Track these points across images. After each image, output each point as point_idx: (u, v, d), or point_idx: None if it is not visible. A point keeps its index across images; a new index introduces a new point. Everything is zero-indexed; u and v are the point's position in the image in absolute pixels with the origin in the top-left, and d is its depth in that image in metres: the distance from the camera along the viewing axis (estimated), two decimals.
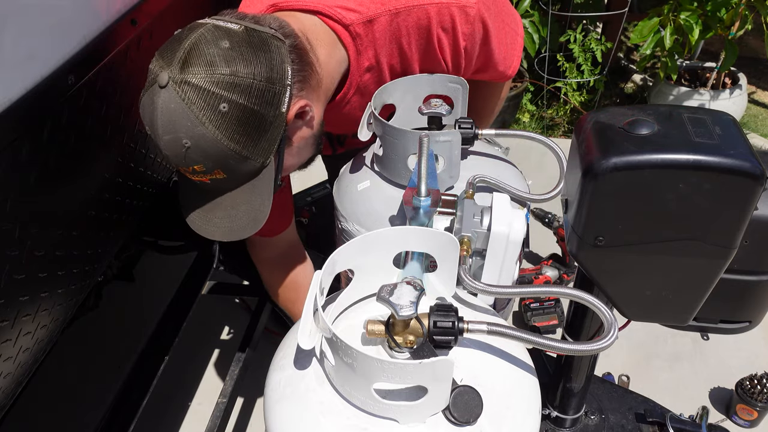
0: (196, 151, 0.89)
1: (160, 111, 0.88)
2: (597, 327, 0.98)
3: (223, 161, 0.91)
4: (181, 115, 0.87)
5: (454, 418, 0.67)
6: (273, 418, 0.75)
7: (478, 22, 1.13)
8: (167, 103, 0.87)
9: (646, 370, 2.13)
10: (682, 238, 0.74)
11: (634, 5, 3.66)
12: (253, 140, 0.92)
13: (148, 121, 0.91)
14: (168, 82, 0.87)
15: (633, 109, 0.77)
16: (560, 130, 3.53)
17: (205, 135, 0.88)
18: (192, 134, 0.88)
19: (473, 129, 1.07)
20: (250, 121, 0.90)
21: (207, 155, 0.90)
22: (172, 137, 0.89)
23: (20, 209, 0.88)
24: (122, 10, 1.09)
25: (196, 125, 0.87)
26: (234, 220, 1.00)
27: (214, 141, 0.88)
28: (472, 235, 0.88)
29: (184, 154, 0.89)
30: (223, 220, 1.00)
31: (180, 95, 0.87)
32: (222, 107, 0.87)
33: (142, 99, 0.92)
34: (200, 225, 1.02)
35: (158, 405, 1.71)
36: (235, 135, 0.89)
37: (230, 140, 0.89)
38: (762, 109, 3.59)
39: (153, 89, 0.89)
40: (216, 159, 0.90)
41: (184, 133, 0.88)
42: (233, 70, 0.88)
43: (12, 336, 0.93)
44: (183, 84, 0.86)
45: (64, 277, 1.06)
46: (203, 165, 0.91)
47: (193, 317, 1.67)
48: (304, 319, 0.70)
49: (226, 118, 0.88)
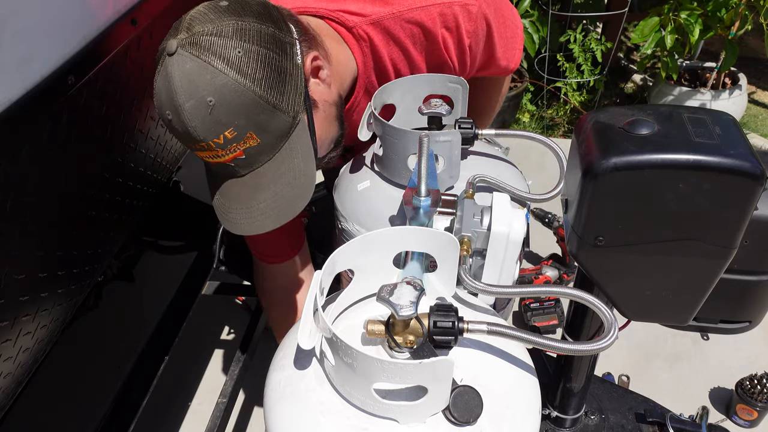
0: (223, 107, 0.85)
1: (177, 77, 0.85)
2: (597, 327, 0.98)
3: (253, 116, 0.87)
4: (199, 71, 0.84)
5: (454, 418, 0.67)
6: (273, 418, 0.75)
7: (481, 19, 1.13)
8: (182, 65, 0.85)
9: (646, 370, 2.13)
10: (682, 238, 0.74)
11: (634, 5, 3.66)
12: (277, 86, 0.88)
13: (167, 98, 0.87)
14: (177, 48, 0.85)
15: (633, 109, 0.77)
16: (560, 130, 3.53)
17: (228, 84, 0.85)
18: (215, 87, 0.85)
19: (473, 129, 1.07)
20: (269, 64, 0.87)
21: (235, 110, 0.86)
22: (195, 101, 0.85)
23: (20, 209, 0.88)
24: (122, 10, 1.09)
25: (216, 76, 0.84)
26: (281, 197, 0.95)
27: (238, 88, 0.85)
28: (472, 235, 0.88)
29: (212, 117, 0.85)
30: (269, 202, 0.95)
31: (193, 53, 0.84)
32: (237, 53, 0.85)
33: (155, 85, 0.89)
34: (245, 224, 0.96)
35: (158, 405, 1.71)
36: (258, 78, 0.86)
37: (254, 84, 0.86)
38: (762, 109, 3.59)
39: (164, 63, 0.86)
40: (246, 114, 0.87)
41: (206, 89, 0.85)
42: (238, 21, 0.86)
43: (12, 336, 0.93)
44: (192, 44, 0.85)
45: (64, 277, 1.06)
46: (234, 128, 0.87)
47: (193, 317, 1.67)
48: (304, 319, 0.70)
49: (245, 62, 0.85)
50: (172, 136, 1.40)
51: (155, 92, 0.90)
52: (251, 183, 0.94)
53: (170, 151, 1.44)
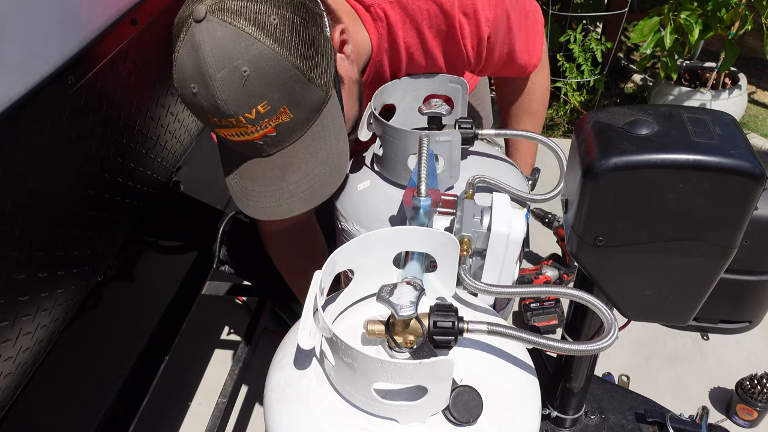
0: (258, 77, 0.80)
1: (207, 45, 0.79)
2: (597, 327, 0.98)
3: (288, 88, 0.83)
4: (232, 38, 0.79)
5: (454, 418, 0.67)
6: (273, 418, 0.75)
7: (501, 5, 1.08)
8: (212, 33, 0.79)
9: (646, 370, 2.13)
10: (682, 238, 0.74)
11: (634, 5, 3.66)
12: (312, 58, 0.84)
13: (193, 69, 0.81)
14: (205, 14, 0.79)
15: (633, 109, 0.77)
16: (560, 130, 3.53)
17: (264, 52, 0.79)
18: (249, 56, 0.79)
19: (473, 129, 1.07)
20: (303, 33, 0.83)
21: (270, 81, 0.81)
22: (227, 70, 0.79)
23: (20, 209, 0.88)
24: (122, 10, 1.09)
25: (251, 44, 0.79)
26: (312, 178, 0.89)
27: (274, 58, 0.80)
28: (472, 235, 0.88)
29: (245, 89, 0.80)
30: (299, 183, 0.89)
31: (224, 20, 0.79)
32: (273, 20, 0.80)
33: (177, 56, 0.83)
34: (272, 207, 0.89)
35: (158, 405, 1.71)
36: (294, 48, 0.81)
37: (291, 54, 0.81)
38: (762, 109, 3.59)
39: (190, 30, 0.80)
40: (281, 86, 0.82)
41: (241, 58, 0.79)
42: None
43: (12, 336, 0.93)
44: (223, 9, 0.79)
45: (64, 277, 1.06)
46: (268, 101, 0.82)
47: (193, 317, 1.67)
48: (304, 319, 0.70)
49: (281, 29, 0.80)
50: (172, 135, 1.41)
51: (177, 64, 0.84)
52: (279, 163, 0.89)
53: (170, 151, 1.44)
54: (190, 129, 1.54)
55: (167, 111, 1.33)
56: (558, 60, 3.38)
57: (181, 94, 0.86)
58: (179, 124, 1.43)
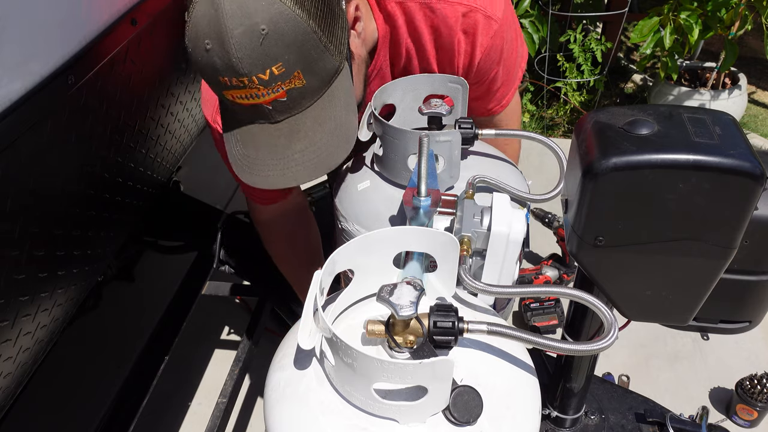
0: (275, 37, 0.79)
1: (227, 1, 0.78)
2: (597, 327, 0.98)
3: (304, 52, 0.81)
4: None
5: (454, 418, 0.67)
6: (273, 418, 0.75)
7: (499, 38, 1.09)
8: None
9: (646, 370, 2.13)
10: (682, 238, 0.74)
11: (634, 5, 3.66)
12: (329, 24, 0.83)
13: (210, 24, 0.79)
14: None
15: (633, 109, 0.77)
16: (560, 130, 3.53)
17: (284, 12, 0.78)
18: (269, 14, 0.78)
19: (473, 129, 1.07)
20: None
21: (288, 43, 0.80)
22: (246, 27, 0.78)
23: (20, 209, 0.88)
24: (122, 10, 1.09)
25: (272, 3, 0.78)
26: (319, 148, 0.87)
27: (294, 19, 0.79)
28: (472, 235, 0.88)
29: (262, 48, 0.78)
30: (306, 152, 0.87)
31: None
32: None
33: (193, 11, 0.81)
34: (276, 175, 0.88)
35: (158, 405, 1.71)
36: (314, 12, 0.80)
37: (310, 18, 0.80)
38: (762, 109, 3.59)
39: None
40: (297, 48, 0.81)
41: (260, 15, 0.78)
42: None
43: (12, 336, 0.93)
44: None
45: (64, 277, 1.06)
46: (283, 63, 0.80)
47: (193, 317, 1.67)
48: (304, 319, 0.70)
49: None
50: (172, 135, 1.41)
51: (192, 20, 0.82)
52: (286, 130, 0.87)
53: (170, 151, 1.44)
54: (190, 129, 1.54)
55: (167, 111, 1.33)
56: (558, 60, 3.38)
57: (192, 52, 0.85)
58: (179, 124, 1.43)
